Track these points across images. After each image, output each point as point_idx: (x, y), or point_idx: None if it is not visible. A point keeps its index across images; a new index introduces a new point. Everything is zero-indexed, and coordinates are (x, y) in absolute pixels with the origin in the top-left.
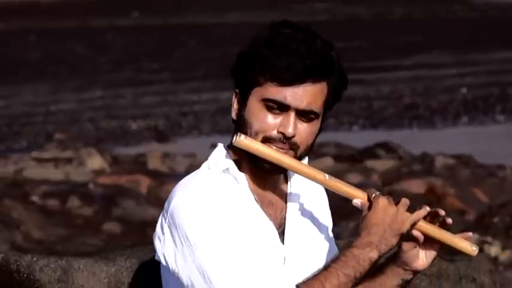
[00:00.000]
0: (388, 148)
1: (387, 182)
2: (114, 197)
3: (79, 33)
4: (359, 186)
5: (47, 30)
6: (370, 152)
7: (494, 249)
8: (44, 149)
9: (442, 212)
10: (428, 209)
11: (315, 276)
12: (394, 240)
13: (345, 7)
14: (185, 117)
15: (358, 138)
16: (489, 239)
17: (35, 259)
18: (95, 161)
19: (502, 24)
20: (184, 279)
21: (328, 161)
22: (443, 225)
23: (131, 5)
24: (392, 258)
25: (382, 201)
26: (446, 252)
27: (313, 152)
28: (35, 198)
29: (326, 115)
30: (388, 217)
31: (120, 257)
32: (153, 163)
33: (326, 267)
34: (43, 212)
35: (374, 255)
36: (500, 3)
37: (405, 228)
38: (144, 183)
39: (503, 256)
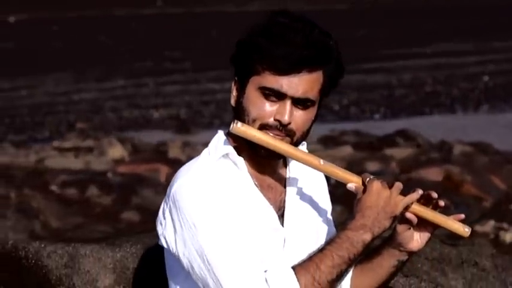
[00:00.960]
0: (407, 136)
1: (405, 169)
2: (133, 185)
3: (101, 23)
4: (377, 174)
5: (68, 19)
6: (389, 140)
7: (509, 236)
8: (65, 138)
9: (435, 195)
10: (421, 192)
11: (310, 258)
12: (387, 223)
13: None
14: (207, 106)
15: (379, 126)
16: (505, 225)
17: (42, 245)
18: (116, 150)
19: None
20: (184, 262)
21: (347, 150)
22: (437, 208)
23: None
24: (388, 240)
25: (376, 185)
26: (448, 237)
27: (332, 140)
28: (54, 187)
29: (322, 102)
30: (381, 200)
31: (125, 243)
32: (174, 152)
33: (321, 250)
34: (62, 201)
35: (367, 237)
36: None
37: (398, 210)
38: (163, 172)
39: None
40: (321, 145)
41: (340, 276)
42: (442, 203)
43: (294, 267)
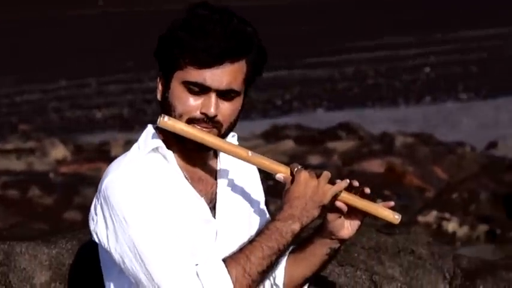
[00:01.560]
0: (349, 129)
1: (347, 162)
2: (76, 185)
3: (42, 24)
4: (319, 167)
5: (9, 21)
6: (331, 133)
7: (452, 226)
8: (7, 140)
9: (356, 183)
10: (348, 181)
11: (241, 250)
12: (315, 212)
13: None
14: (149, 105)
15: (321, 120)
16: (447, 215)
17: None
18: (58, 151)
19: (464, 3)
20: (116, 257)
21: (289, 144)
22: (363, 196)
23: None
24: (319, 229)
25: (304, 175)
26: (385, 226)
27: (274, 134)
28: None
29: (248, 91)
30: (309, 190)
31: (61, 239)
32: (116, 151)
33: (251, 241)
34: (2, 202)
35: (296, 227)
36: None
37: (327, 199)
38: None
39: (461, 232)
40: (262, 140)
41: (270, 267)
42: (367, 190)
43: (224, 260)
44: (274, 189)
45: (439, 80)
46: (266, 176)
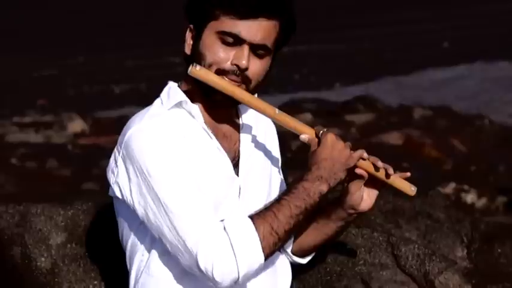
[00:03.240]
0: (367, 102)
1: (365, 135)
2: (94, 157)
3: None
4: None
5: None
6: (349, 107)
7: (470, 197)
8: (25, 114)
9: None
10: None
11: (268, 208)
12: (342, 174)
13: None
14: (168, 80)
15: (339, 93)
16: (466, 187)
17: None
18: (76, 125)
19: None
20: (139, 210)
21: (308, 117)
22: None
23: None
24: (337, 200)
25: (331, 137)
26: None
27: (292, 108)
28: (13, 160)
29: (276, 56)
30: (336, 152)
31: (76, 201)
32: None
33: (278, 200)
34: (20, 174)
35: (324, 188)
36: None
37: (353, 162)
38: None
39: (479, 203)
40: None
41: (296, 226)
42: (379, 162)
43: (251, 217)
44: (291, 162)
45: (457, 54)
46: (282, 150)
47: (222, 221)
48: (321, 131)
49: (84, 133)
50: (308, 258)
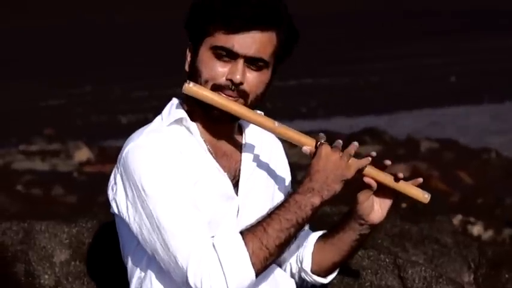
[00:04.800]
0: (374, 134)
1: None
2: (99, 184)
3: (70, 29)
4: None
5: (34, 26)
6: (356, 138)
7: (477, 229)
8: (31, 142)
9: (388, 162)
10: (374, 154)
11: (258, 223)
12: (337, 187)
13: None
14: None
15: (346, 125)
16: (472, 219)
17: None
18: (82, 153)
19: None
20: (134, 227)
21: None
22: (396, 178)
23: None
24: (349, 213)
25: (325, 148)
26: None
27: None
28: (19, 187)
29: (277, 68)
30: (330, 163)
31: (81, 218)
32: None
33: (269, 214)
34: (26, 200)
35: (316, 200)
36: None
37: (350, 174)
38: None
39: (486, 235)
40: (287, 144)
41: (288, 240)
42: (388, 161)
43: (242, 232)
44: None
45: (465, 88)
46: (295, 168)
47: (212, 237)
48: (319, 142)
49: (90, 161)
50: (330, 277)
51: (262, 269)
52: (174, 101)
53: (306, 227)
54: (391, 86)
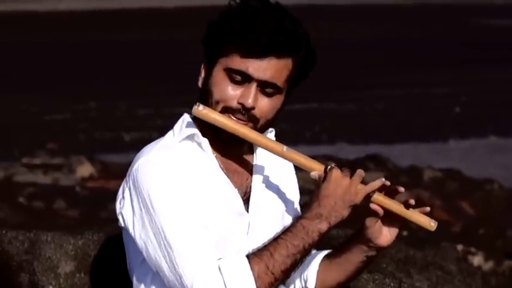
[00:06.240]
0: (378, 161)
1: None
2: (102, 199)
3: (76, 45)
4: None
5: (41, 40)
6: (359, 165)
7: (477, 260)
8: (34, 155)
9: (388, 183)
10: (383, 180)
11: (265, 247)
12: (345, 212)
13: (342, 24)
14: None
15: (350, 151)
16: (473, 249)
17: (4, 231)
18: (85, 168)
19: (497, 45)
20: (140, 243)
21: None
22: (405, 203)
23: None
24: (357, 235)
25: (335, 173)
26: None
27: None
28: (21, 199)
29: (291, 92)
30: (340, 189)
31: (87, 230)
32: None
33: (276, 238)
34: (28, 213)
35: (323, 226)
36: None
37: (358, 200)
38: None
39: (486, 266)
40: (293, 167)
41: (294, 266)
42: (401, 189)
43: (248, 256)
44: None
45: (469, 119)
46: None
47: (219, 259)
48: (329, 167)
49: (92, 177)
50: None
51: None
52: (186, 116)
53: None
54: (397, 114)
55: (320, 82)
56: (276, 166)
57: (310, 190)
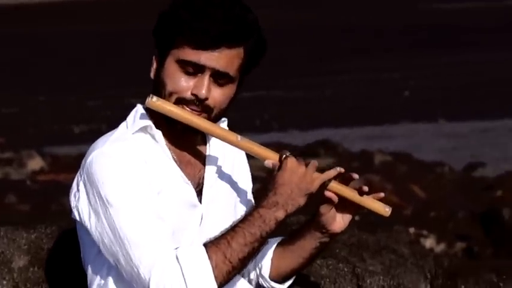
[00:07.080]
0: (328, 146)
1: None
2: (53, 193)
3: (22, 38)
4: None
5: None
6: (310, 151)
7: (429, 242)
8: None
9: (342, 170)
10: (339, 169)
11: (222, 236)
12: (301, 200)
13: (288, 13)
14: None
15: (300, 138)
16: (425, 232)
17: None
18: (35, 162)
19: (446, 29)
20: (96, 236)
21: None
22: (359, 190)
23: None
24: (310, 221)
25: (291, 162)
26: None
27: None
28: None
29: (243, 80)
30: (295, 177)
31: (40, 224)
32: None
33: (233, 227)
34: None
35: (280, 214)
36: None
37: (314, 188)
38: None
39: (438, 248)
40: (247, 156)
41: (252, 254)
42: (355, 175)
43: (205, 245)
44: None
45: (418, 103)
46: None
47: (176, 248)
48: (284, 155)
49: (43, 170)
50: (287, 284)
51: (224, 282)
52: (139, 108)
53: None
54: (345, 99)
55: (266, 70)
56: (228, 156)
57: (261, 178)
